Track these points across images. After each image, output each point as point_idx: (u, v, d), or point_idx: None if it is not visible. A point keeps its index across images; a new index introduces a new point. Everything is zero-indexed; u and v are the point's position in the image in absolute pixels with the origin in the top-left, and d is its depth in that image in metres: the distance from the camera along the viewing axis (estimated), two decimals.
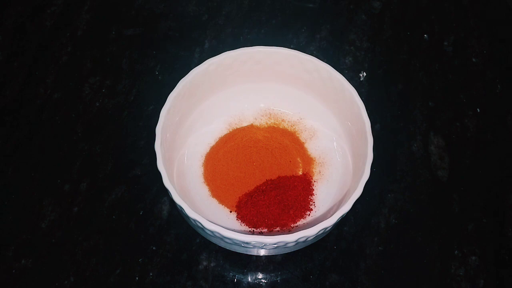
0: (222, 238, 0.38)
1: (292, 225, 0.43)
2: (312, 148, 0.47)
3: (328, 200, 0.44)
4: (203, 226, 0.37)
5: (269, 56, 0.47)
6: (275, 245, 0.38)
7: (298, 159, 0.46)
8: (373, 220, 0.46)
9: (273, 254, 0.43)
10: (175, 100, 0.43)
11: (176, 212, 0.45)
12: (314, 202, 0.44)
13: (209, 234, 0.39)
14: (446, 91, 0.54)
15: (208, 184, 0.45)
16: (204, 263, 0.43)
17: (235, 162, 0.46)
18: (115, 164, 0.47)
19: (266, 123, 0.49)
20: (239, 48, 0.46)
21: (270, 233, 0.42)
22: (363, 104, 0.43)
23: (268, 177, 0.45)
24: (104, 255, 0.43)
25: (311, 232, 0.37)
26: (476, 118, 0.52)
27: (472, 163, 0.49)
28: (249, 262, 0.43)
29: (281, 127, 0.48)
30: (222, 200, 0.44)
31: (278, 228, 0.43)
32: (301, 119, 0.49)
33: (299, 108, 0.49)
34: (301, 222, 0.43)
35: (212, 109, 0.48)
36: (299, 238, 0.37)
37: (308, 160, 0.47)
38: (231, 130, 0.48)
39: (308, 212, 0.44)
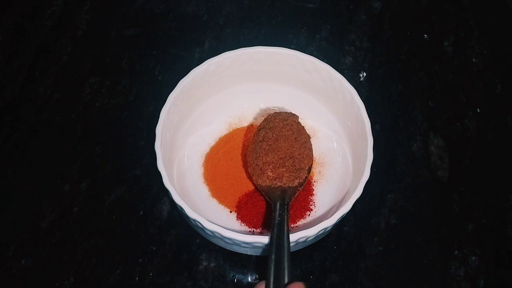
0: (222, 238, 0.38)
1: (292, 225, 0.43)
2: (312, 148, 0.47)
3: (328, 200, 0.44)
4: (203, 226, 0.37)
5: (269, 56, 0.47)
6: None
7: None
8: (373, 220, 0.46)
9: None
10: (175, 100, 0.43)
11: (176, 212, 0.45)
12: (314, 202, 0.44)
13: (209, 234, 0.39)
14: (446, 91, 0.54)
15: (208, 184, 0.45)
16: (204, 263, 0.43)
17: (235, 162, 0.46)
18: (115, 164, 0.47)
19: None
20: (239, 48, 0.46)
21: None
22: (363, 104, 0.43)
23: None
24: (104, 255, 0.43)
25: (311, 232, 0.37)
26: (476, 118, 0.52)
27: (472, 163, 0.49)
28: (249, 262, 0.43)
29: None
30: (222, 200, 0.44)
31: None
32: (301, 119, 0.49)
33: (299, 108, 0.49)
34: (301, 222, 0.43)
35: (212, 109, 0.48)
36: (299, 238, 0.37)
37: None
38: (231, 130, 0.48)
39: (308, 212, 0.44)
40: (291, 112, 0.46)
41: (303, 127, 0.45)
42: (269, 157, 0.42)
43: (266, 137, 0.43)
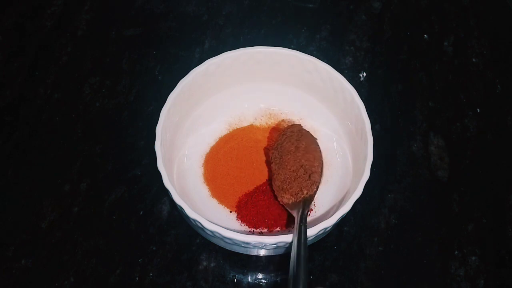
0: (222, 238, 0.38)
1: (292, 225, 0.43)
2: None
3: (328, 200, 0.44)
4: (203, 226, 0.37)
5: (269, 56, 0.47)
6: (275, 245, 0.38)
7: None
8: (373, 220, 0.46)
9: (273, 254, 0.43)
10: (175, 100, 0.43)
11: (176, 212, 0.45)
12: (314, 202, 0.44)
13: (209, 234, 0.39)
14: (446, 91, 0.54)
15: (208, 184, 0.45)
16: (204, 263, 0.43)
17: (235, 162, 0.46)
18: (115, 164, 0.47)
19: (266, 123, 0.49)
20: (239, 48, 0.46)
21: (270, 233, 0.42)
22: (363, 104, 0.43)
23: (268, 177, 0.45)
24: (104, 255, 0.43)
25: (311, 232, 0.37)
26: (476, 118, 0.52)
27: (472, 163, 0.49)
28: (249, 262, 0.43)
29: (281, 127, 0.48)
30: (222, 200, 0.44)
31: (278, 228, 0.43)
32: (301, 119, 0.49)
33: (299, 108, 0.49)
34: None
35: (212, 109, 0.48)
36: None
37: None
38: (231, 130, 0.48)
39: (308, 212, 0.44)
40: (292, 124, 0.47)
41: (306, 131, 0.45)
42: (281, 175, 0.42)
43: (273, 157, 0.44)
